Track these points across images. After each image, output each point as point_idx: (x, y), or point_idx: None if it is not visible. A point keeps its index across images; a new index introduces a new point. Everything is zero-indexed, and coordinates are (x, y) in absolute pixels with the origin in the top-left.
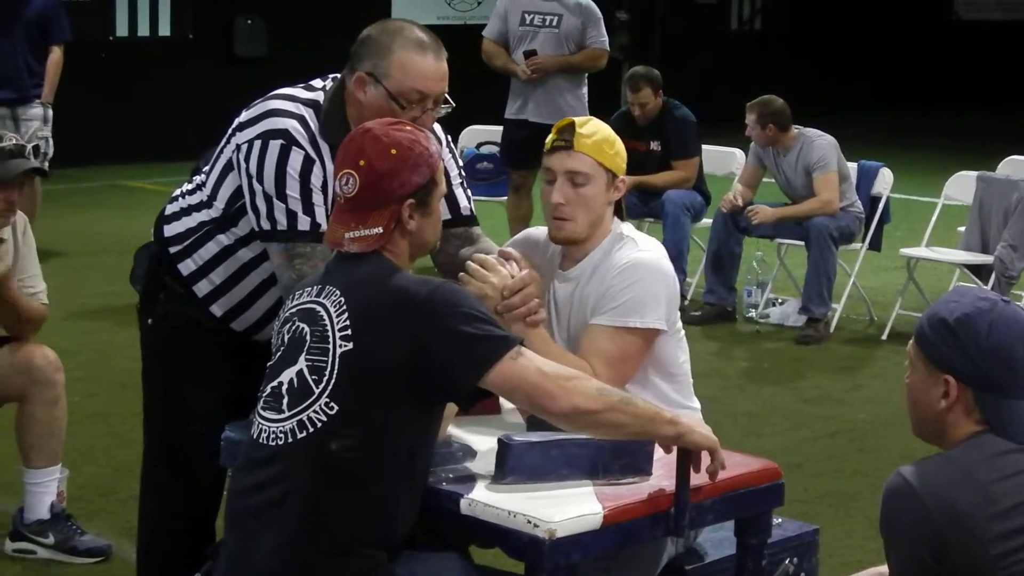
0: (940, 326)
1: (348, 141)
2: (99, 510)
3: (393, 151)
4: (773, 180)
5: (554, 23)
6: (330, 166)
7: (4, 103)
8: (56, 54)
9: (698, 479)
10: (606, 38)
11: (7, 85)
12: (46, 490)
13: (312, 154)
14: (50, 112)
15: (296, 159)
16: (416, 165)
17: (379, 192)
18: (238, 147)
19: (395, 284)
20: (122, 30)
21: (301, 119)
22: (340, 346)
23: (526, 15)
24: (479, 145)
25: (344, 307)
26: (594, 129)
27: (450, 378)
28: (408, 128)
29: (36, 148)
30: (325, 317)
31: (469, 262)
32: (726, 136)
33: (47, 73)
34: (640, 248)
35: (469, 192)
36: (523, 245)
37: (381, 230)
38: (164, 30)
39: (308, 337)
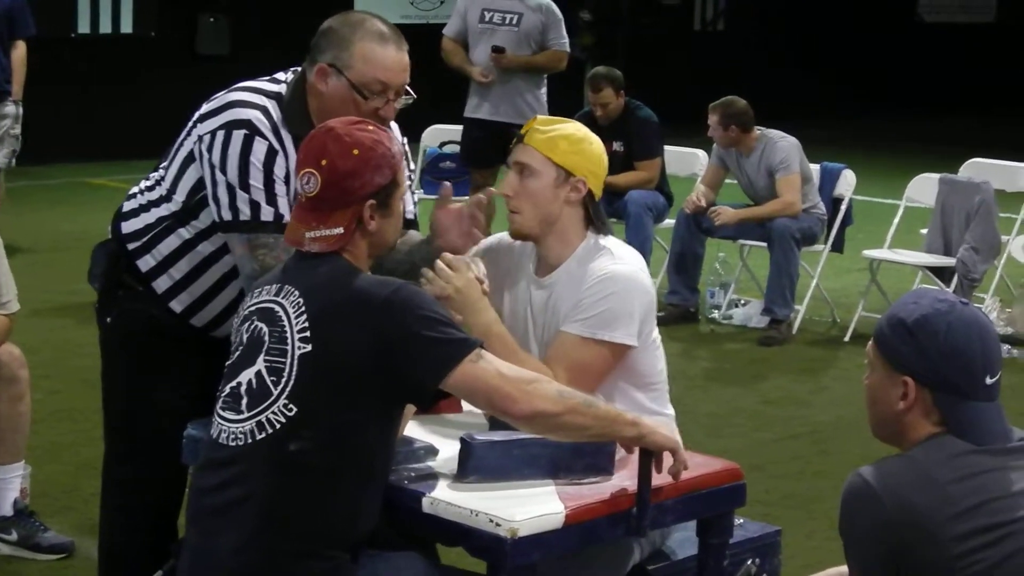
0: (899, 327)
1: (310, 140)
2: (62, 507)
3: (355, 151)
4: (735, 181)
5: (514, 21)
6: (293, 157)
7: None
8: (21, 49)
9: (659, 479)
10: (567, 39)
11: None
12: (9, 487)
13: (275, 145)
14: (20, 110)
15: (260, 149)
16: (378, 166)
17: (341, 192)
18: (200, 138)
19: (354, 286)
20: (84, 27)
21: (264, 110)
22: (299, 348)
23: (485, 12)
24: (442, 144)
25: (303, 308)
26: (554, 127)
27: (410, 380)
28: (371, 128)
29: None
30: (284, 318)
31: (437, 261)
32: (689, 137)
33: (14, 69)
34: (617, 259)
35: (419, 195)
36: (495, 248)
37: (342, 230)
38: (127, 27)
39: (267, 338)
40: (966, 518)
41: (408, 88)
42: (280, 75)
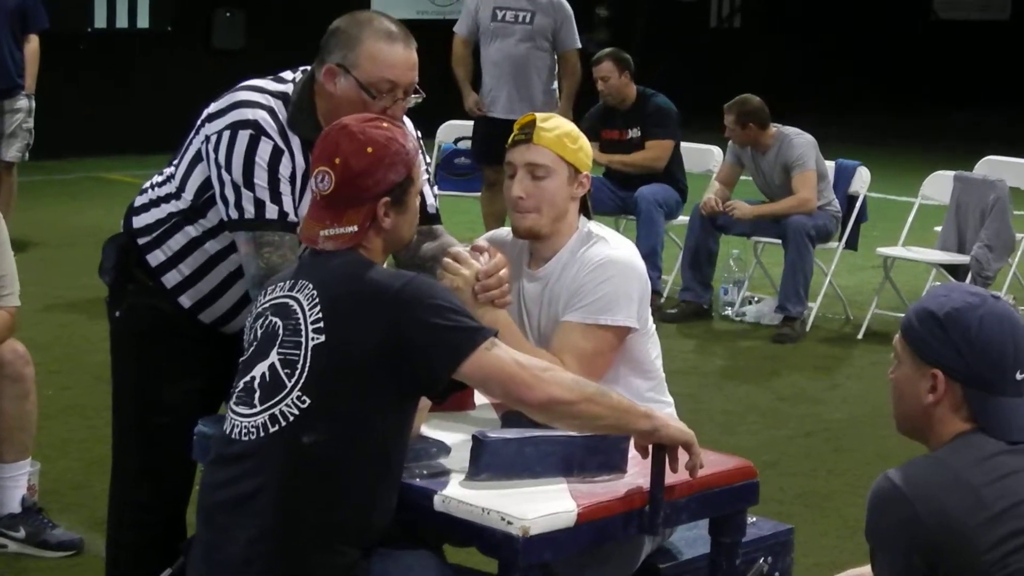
0: (929, 320)
1: (324, 137)
2: (71, 504)
3: (369, 149)
4: (751, 178)
5: (527, 19)
6: (299, 158)
7: None
8: (34, 43)
9: (673, 477)
10: (577, 35)
11: None
12: (17, 484)
13: (281, 145)
14: (33, 103)
15: (265, 149)
16: (392, 163)
17: (355, 190)
18: (207, 138)
19: (368, 277)
20: (101, 22)
21: (270, 110)
22: (312, 339)
23: (497, 11)
24: (457, 140)
25: (317, 300)
26: (556, 124)
27: (425, 369)
28: (385, 125)
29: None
30: (298, 311)
31: (444, 257)
32: (705, 133)
33: (27, 63)
34: (612, 246)
35: (435, 189)
36: (492, 242)
37: (356, 228)
38: (143, 22)
39: (281, 331)
40: (1000, 522)
41: (418, 87)
42: (286, 74)
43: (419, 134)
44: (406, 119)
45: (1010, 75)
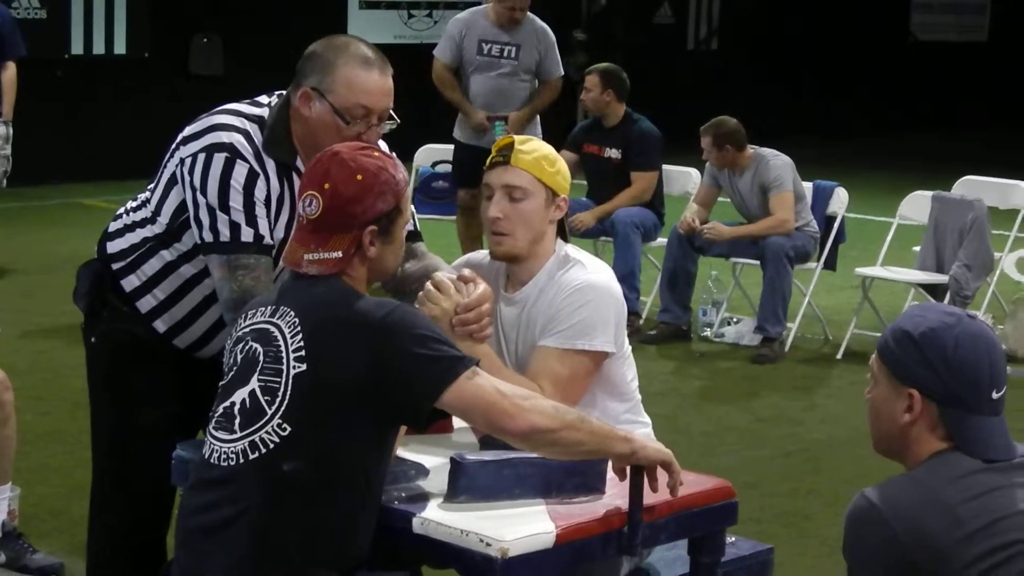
0: (905, 340)
1: (315, 163)
2: (52, 529)
3: (359, 176)
4: (728, 199)
5: (513, 54)
6: (274, 181)
7: None
8: (11, 70)
9: (652, 497)
10: (560, 63)
11: None
12: None
13: (256, 168)
14: (10, 130)
15: (240, 172)
16: (381, 192)
17: (342, 216)
18: (182, 160)
19: (350, 306)
20: (77, 48)
21: (246, 134)
22: (294, 367)
23: (483, 44)
24: (434, 164)
25: (299, 328)
26: (534, 147)
27: (406, 399)
28: (376, 154)
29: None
30: (279, 338)
31: (427, 283)
32: (682, 156)
33: (4, 90)
34: (589, 270)
35: (412, 208)
36: (469, 266)
37: (340, 254)
38: (120, 48)
39: (261, 358)
40: (976, 540)
41: (392, 113)
42: (262, 98)
43: (394, 155)
44: (381, 142)
45: (988, 96)
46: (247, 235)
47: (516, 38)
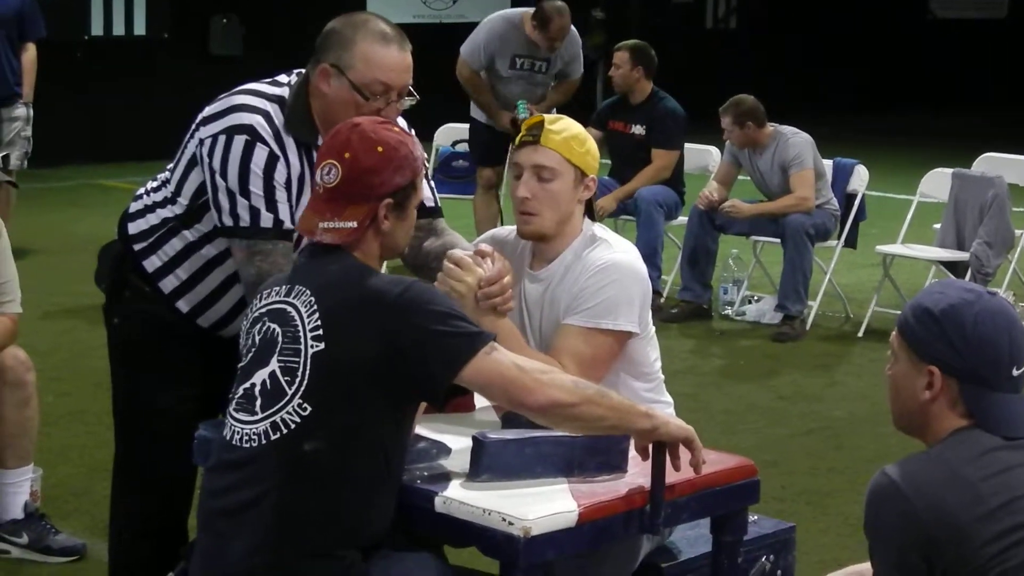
0: (925, 316)
1: (335, 133)
2: (73, 509)
3: (379, 148)
4: (748, 178)
5: (543, 68)
6: (294, 161)
7: None
8: (31, 51)
9: (673, 476)
10: (582, 66)
11: None
12: (19, 490)
13: (276, 150)
14: (31, 111)
15: (260, 155)
16: (400, 167)
17: (359, 186)
18: (202, 142)
19: (367, 283)
20: (97, 29)
21: (266, 114)
22: (312, 346)
23: (517, 59)
24: (455, 143)
25: (315, 307)
26: (563, 126)
27: (425, 375)
28: (396, 130)
29: (6, 157)
30: (296, 317)
31: (445, 261)
32: (701, 134)
33: (24, 71)
34: (615, 250)
35: (432, 184)
36: (490, 245)
37: (355, 224)
38: (139, 29)
39: (280, 338)
40: (997, 517)
41: (411, 89)
42: (282, 77)
43: (413, 131)
44: (400, 119)
45: (1007, 73)
46: (267, 220)
47: (548, 53)
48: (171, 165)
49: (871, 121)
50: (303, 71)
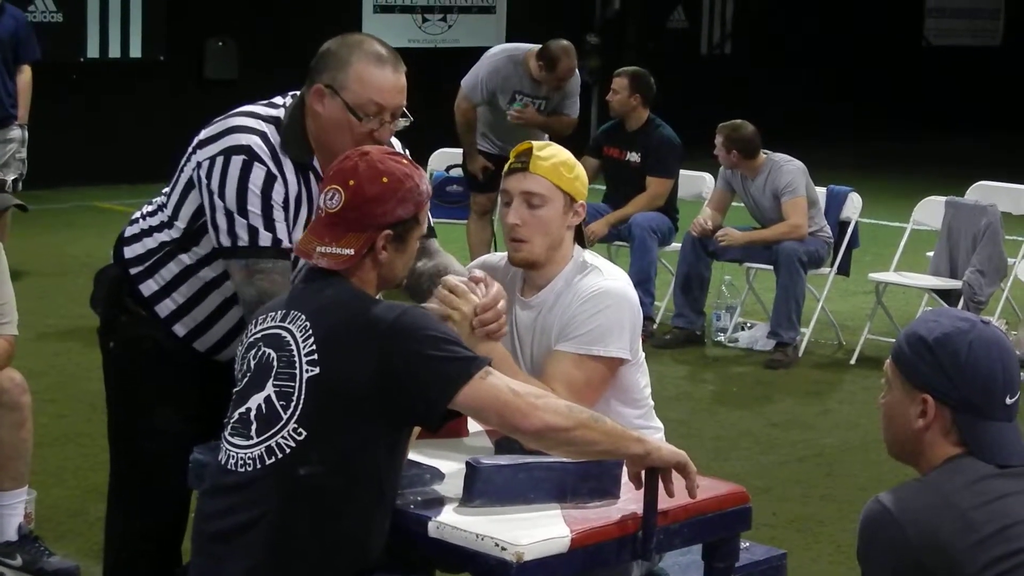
0: (919, 345)
1: (343, 160)
2: (68, 531)
3: (385, 179)
4: (742, 204)
5: (544, 107)
6: (292, 181)
7: None
8: (26, 73)
9: (666, 502)
10: (578, 106)
11: None
12: (13, 512)
13: (274, 170)
14: (26, 133)
15: (258, 175)
16: (403, 199)
17: (361, 215)
18: (199, 164)
19: (361, 308)
20: (93, 51)
21: (263, 135)
22: (307, 371)
23: (518, 95)
24: (449, 168)
25: (310, 331)
26: (551, 152)
27: (420, 400)
28: (405, 162)
29: (16, 181)
30: (291, 342)
31: (440, 287)
32: (695, 160)
33: (20, 93)
34: (606, 276)
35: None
36: (485, 268)
37: (352, 252)
38: (135, 51)
39: (275, 363)
40: (988, 545)
41: (405, 111)
42: (278, 99)
43: (407, 151)
44: (395, 140)
45: (1002, 100)
46: (265, 239)
47: (547, 90)
48: (167, 189)
49: (865, 148)
50: (298, 93)
